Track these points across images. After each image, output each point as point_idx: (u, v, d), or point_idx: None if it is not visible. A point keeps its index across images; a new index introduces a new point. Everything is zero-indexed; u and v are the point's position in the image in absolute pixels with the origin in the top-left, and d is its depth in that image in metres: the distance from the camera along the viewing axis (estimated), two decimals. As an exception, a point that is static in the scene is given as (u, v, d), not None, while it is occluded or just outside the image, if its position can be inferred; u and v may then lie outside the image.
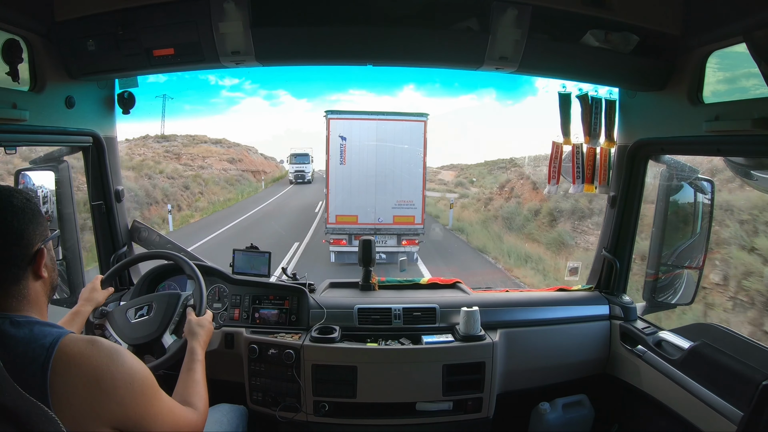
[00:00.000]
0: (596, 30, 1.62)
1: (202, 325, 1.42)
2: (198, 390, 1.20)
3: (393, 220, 8.09)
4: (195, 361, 1.29)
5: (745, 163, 1.61)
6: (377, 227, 8.06)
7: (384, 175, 8.00)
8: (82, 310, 1.48)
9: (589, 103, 2.00)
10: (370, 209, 8.06)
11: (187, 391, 1.18)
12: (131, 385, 0.88)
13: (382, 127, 8.09)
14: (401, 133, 8.10)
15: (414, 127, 8.09)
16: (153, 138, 21.64)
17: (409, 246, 8.13)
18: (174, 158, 20.13)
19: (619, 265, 2.10)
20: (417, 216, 8.16)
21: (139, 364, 0.93)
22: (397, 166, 8.04)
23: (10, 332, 0.83)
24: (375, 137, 8.05)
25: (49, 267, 0.96)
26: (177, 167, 18.79)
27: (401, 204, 8.11)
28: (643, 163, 1.96)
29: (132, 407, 0.88)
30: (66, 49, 1.62)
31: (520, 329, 1.97)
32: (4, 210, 0.88)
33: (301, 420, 1.83)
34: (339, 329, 1.87)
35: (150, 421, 0.92)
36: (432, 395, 1.82)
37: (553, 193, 2.20)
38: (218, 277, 2.00)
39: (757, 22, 1.27)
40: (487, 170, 21.13)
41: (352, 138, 8.05)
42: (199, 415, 1.12)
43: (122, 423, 0.88)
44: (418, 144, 8.06)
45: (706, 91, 1.63)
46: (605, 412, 2.09)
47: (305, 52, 1.67)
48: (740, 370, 1.45)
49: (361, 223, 8.08)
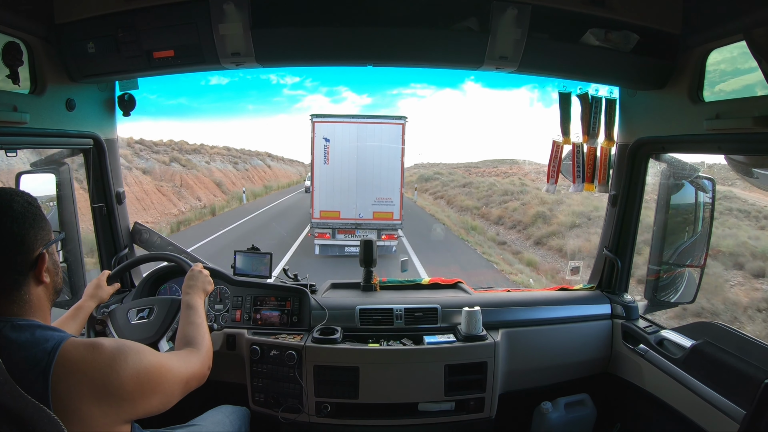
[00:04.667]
0: (596, 29, 1.62)
1: (191, 277, 1.42)
2: (197, 331, 1.22)
3: (373, 215, 8.70)
4: (191, 309, 1.30)
5: (745, 161, 1.61)
6: (358, 222, 8.68)
7: (364, 174, 8.63)
8: (86, 306, 1.47)
9: (589, 102, 2.00)
10: (352, 205, 8.68)
11: (187, 334, 1.21)
12: (139, 380, 0.88)
13: (363, 130, 8.71)
14: (380, 135, 8.71)
15: (392, 129, 8.70)
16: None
17: (388, 240, 8.72)
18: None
19: (620, 264, 2.10)
20: (395, 212, 8.77)
21: (142, 354, 0.92)
22: (376, 166, 8.63)
23: (11, 336, 0.83)
24: (356, 139, 8.66)
25: (52, 271, 0.95)
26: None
27: (380, 201, 8.72)
28: (643, 161, 1.96)
29: (143, 399, 0.89)
30: (66, 51, 1.62)
31: (522, 329, 1.97)
32: (4, 215, 0.87)
33: (303, 421, 1.82)
34: (341, 330, 1.87)
35: (161, 397, 0.94)
36: (434, 395, 1.82)
37: (552, 192, 2.20)
38: (219, 278, 2.00)
39: (756, 20, 1.27)
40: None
41: (335, 140, 8.66)
42: (201, 353, 1.14)
43: (135, 414, 0.89)
44: (396, 145, 8.67)
45: (707, 90, 1.64)
46: (607, 412, 2.09)
47: (305, 54, 1.67)
48: (742, 369, 1.45)
49: (343, 218, 8.70)
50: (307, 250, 9.48)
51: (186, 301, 1.33)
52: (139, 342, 1.43)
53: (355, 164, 8.68)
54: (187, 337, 1.19)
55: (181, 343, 1.18)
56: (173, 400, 0.98)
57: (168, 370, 0.97)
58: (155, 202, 16.92)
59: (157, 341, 1.47)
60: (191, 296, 1.34)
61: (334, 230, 8.74)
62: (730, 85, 1.65)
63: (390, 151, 8.69)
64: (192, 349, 1.14)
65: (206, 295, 1.41)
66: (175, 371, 0.99)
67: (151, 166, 18.83)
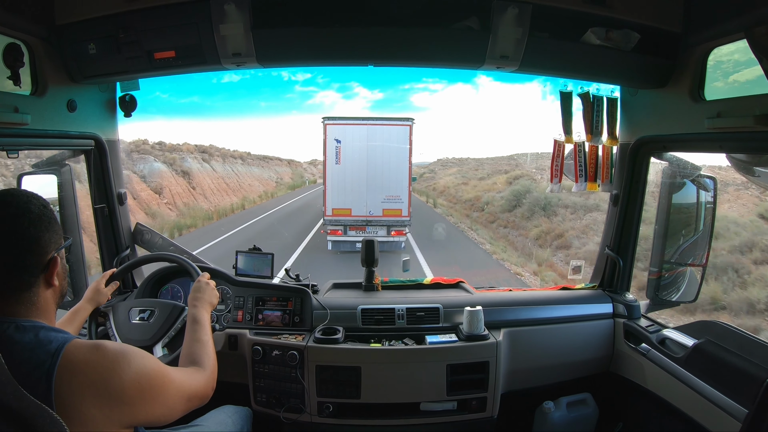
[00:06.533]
0: (597, 28, 1.61)
1: (198, 289, 1.40)
2: (204, 350, 1.20)
3: (382, 212, 9.20)
4: (197, 324, 1.27)
5: (747, 159, 1.61)
6: (368, 219, 9.18)
7: (374, 173, 9.14)
8: (83, 309, 1.48)
9: (590, 101, 2.00)
10: (362, 203, 9.19)
11: (193, 352, 1.19)
12: (140, 385, 0.88)
13: (372, 131, 9.23)
14: (389, 136, 9.22)
15: (400, 130, 9.21)
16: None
17: (397, 236, 9.27)
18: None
19: (622, 263, 2.10)
20: (404, 209, 9.26)
21: (146, 360, 0.92)
22: (385, 165, 9.15)
23: (15, 337, 0.83)
24: (366, 140, 9.17)
25: (61, 275, 0.95)
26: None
27: (390, 198, 9.23)
28: (645, 160, 1.96)
29: (144, 404, 0.89)
30: (67, 52, 1.63)
31: (524, 328, 1.97)
32: (21, 217, 0.87)
33: (305, 421, 1.83)
34: (342, 330, 1.87)
35: (162, 407, 0.93)
36: (436, 395, 1.82)
37: (556, 192, 2.20)
38: (221, 278, 2.00)
39: (757, 19, 1.27)
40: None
41: (345, 141, 9.20)
42: (206, 373, 1.13)
43: (136, 420, 0.88)
44: (404, 145, 9.17)
45: (708, 88, 1.63)
46: (609, 411, 2.08)
47: (306, 54, 1.67)
48: (745, 368, 1.45)
49: (354, 215, 9.19)
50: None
51: (192, 315, 1.31)
52: (135, 342, 1.45)
53: (365, 164, 9.14)
54: (193, 356, 1.17)
55: (186, 361, 1.16)
56: (175, 413, 0.97)
57: (171, 381, 0.96)
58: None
59: (152, 345, 1.47)
60: (198, 309, 1.33)
61: (345, 227, 9.19)
62: (731, 84, 1.65)
63: (398, 152, 9.16)
64: (198, 368, 1.13)
65: (212, 308, 1.40)
66: (178, 384, 0.99)
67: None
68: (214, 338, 1.31)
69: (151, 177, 18.54)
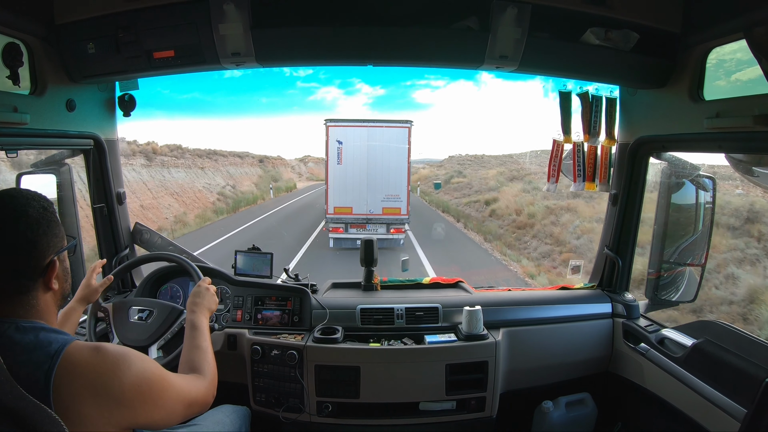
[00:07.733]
0: (596, 28, 1.62)
1: (198, 294, 1.39)
2: (203, 356, 1.19)
3: (382, 211, 9.58)
4: (196, 330, 1.26)
5: (746, 159, 1.61)
6: (369, 217, 9.57)
7: (374, 173, 9.52)
8: (74, 310, 1.45)
9: (589, 101, 2.00)
10: (363, 202, 9.59)
11: (193, 359, 1.17)
12: (140, 388, 0.88)
13: (373, 133, 9.59)
14: (389, 138, 9.58)
15: (399, 132, 9.57)
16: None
17: (396, 234, 9.65)
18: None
19: (621, 263, 2.10)
20: (403, 208, 9.63)
21: (146, 363, 0.92)
22: (385, 165, 9.51)
23: (15, 338, 0.83)
24: (366, 141, 9.54)
25: (61, 278, 0.94)
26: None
27: (389, 197, 9.58)
28: (644, 160, 1.96)
29: (143, 408, 0.88)
30: (66, 52, 1.62)
31: (523, 328, 1.97)
32: (18, 219, 0.85)
33: (304, 420, 1.83)
34: (341, 330, 1.87)
35: (161, 411, 0.92)
36: (435, 395, 1.82)
37: (553, 191, 2.20)
38: (220, 278, 2.00)
39: (757, 19, 1.27)
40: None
41: (347, 142, 9.57)
42: (206, 381, 1.12)
43: (135, 423, 0.88)
44: (403, 146, 9.54)
45: (707, 88, 1.63)
46: (608, 411, 2.09)
47: (305, 53, 1.67)
48: (744, 367, 1.45)
49: (355, 213, 9.59)
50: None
51: (191, 321, 1.29)
52: (131, 341, 1.45)
53: (366, 164, 9.52)
54: (193, 363, 1.16)
55: (186, 368, 1.15)
56: (174, 418, 0.97)
57: (170, 386, 0.96)
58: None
59: (148, 346, 1.47)
60: (197, 315, 1.31)
61: (347, 225, 9.60)
62: (730, 84, 1.65)
63: (397, 152, 9.52)
64: (198, 375, 1.12)
65: (211, 314, 1.38)
66: (178, 389, 0.98)
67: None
68: (213, 338, 1.30)
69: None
